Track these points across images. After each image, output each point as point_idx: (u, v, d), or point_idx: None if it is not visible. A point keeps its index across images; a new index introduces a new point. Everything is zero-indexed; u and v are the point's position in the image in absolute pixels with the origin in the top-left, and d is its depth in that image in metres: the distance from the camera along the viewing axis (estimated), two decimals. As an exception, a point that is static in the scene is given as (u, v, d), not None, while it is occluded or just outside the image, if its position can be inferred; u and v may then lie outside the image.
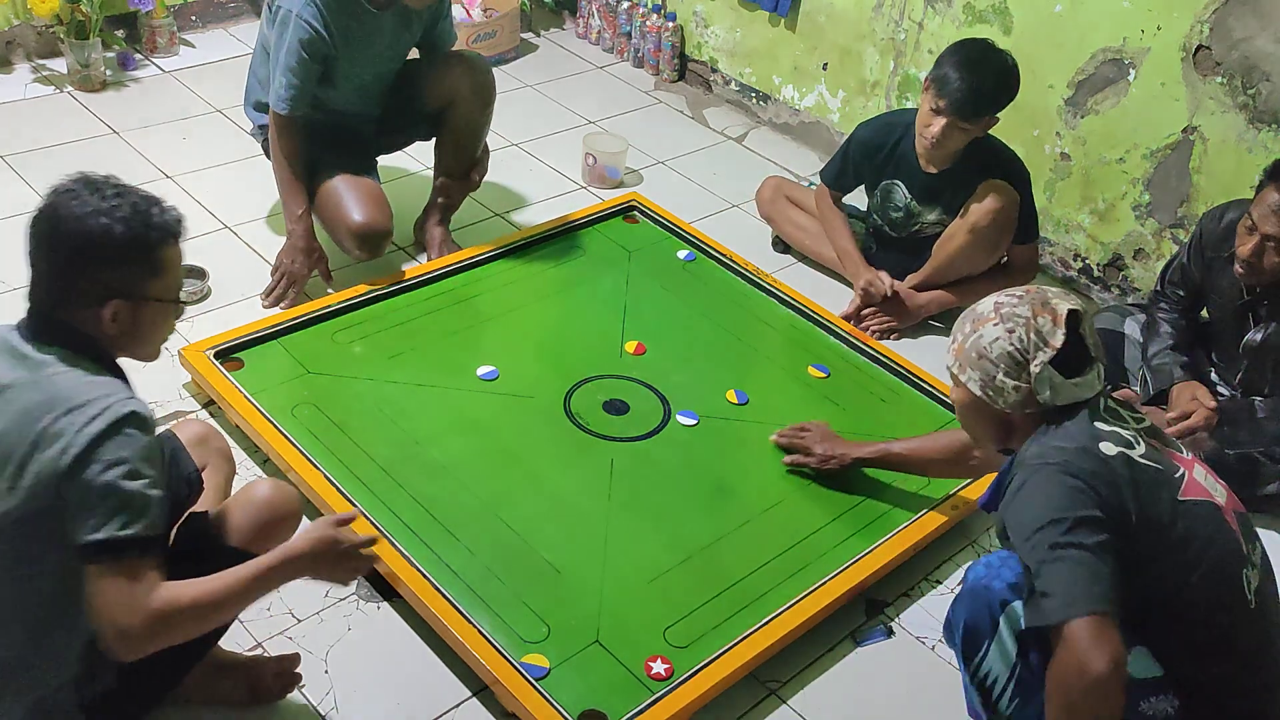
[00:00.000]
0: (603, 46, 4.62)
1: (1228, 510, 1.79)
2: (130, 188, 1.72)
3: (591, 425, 2.68)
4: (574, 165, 3.79)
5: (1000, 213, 3.00)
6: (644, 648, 2.16)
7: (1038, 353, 1.76)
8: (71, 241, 1.65)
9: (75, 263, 1.66)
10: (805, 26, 3.99)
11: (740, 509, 2.52)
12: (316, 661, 2.12)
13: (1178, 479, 1.75)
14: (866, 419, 2.82)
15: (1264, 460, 2.65)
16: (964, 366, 1.83)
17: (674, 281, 3.23)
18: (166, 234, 1.71)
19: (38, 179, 3.37)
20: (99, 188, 1.69)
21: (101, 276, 1.67)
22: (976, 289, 3.18)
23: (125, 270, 1.68)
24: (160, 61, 4.05)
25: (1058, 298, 1.81)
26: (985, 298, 1.88)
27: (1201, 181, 3.18)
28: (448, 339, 2.90)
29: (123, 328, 1.69)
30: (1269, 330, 2.64)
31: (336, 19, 2.85)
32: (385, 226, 2.99)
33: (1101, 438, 1.73)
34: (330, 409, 2.60)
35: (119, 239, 1.66)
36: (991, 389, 1.79)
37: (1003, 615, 1.76)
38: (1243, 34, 3.00)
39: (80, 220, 1.65)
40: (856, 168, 3.25)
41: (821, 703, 2.20)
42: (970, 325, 1.84)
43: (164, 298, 1.74)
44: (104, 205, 1.66)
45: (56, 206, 1.68)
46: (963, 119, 2.91)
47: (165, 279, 1.73)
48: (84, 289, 1.67)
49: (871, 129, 3.23)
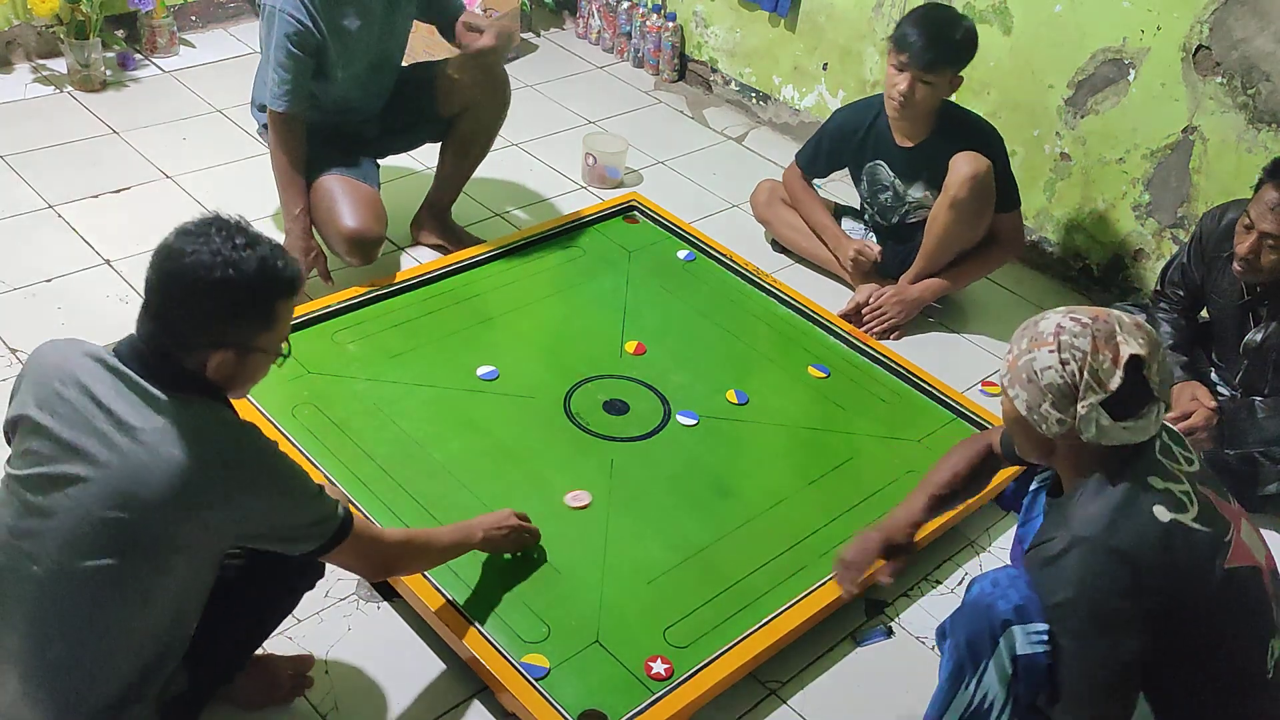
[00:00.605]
0: (603, 46, 4.62)
1: (1266, 573, 1.75)
2: (259, 237, 1.67)
3: (591, 425, 2.68)
4: (574, 165, 3.79)
5: (976, 180, 3.01)
6: (644, 648, 2.16)
7: (1088, 393, 1.65)
8: (192, 288, 1.61)
9: (191, 309, 1.63)
10: (805, 26, 3.99)
11: (740, 509, 2.52)
12: (317, 661, 2.12)
13: (1226, 543, 1.70)
14: (866, 419, 2.82)
15: (1264, 460, 2.65)
16: (1013, 383, 1.73)
17: (674, 281, 3.23)
18: (288, 290, 1.68)
19: (38, 179, 3.38)
20: (230, 234, 1.63)
21: (215, 327, 1.64)
22: (969, 271, 3.24)
23: (241, 323, 1.65)
24: (160, 61, 4.05)
25: (1127, 332, 1.68)
26: (1053, 312, 1.74)
27: (1201, 181, 3.18)
28: (448, 339, 2.90)
29: (224, 374, 1.67)
30: (1269, 330, 2.64)
31: (322, 8, 2.81)
32: (377, 233, 2.97)
33: (1155, 501, 1.66)
34: (330, 409, 2.60)
35: (242, 293, 1.62)
36: (1036, 414, 1.70)
37: (1003, 636, 1.72)
38: (1243, 34, 3.00)
39: (206, 269, 1.60)
40: (834, 151, 3.29)
41: (821, 703, 2.21)
42: (1027, 343, 1.72)
43: (269, 349, 1.71)
44: (232, 256, 1.61)
45: (183, 249, 1.62)
46: (925, 70, 2.94)
47: (276, 331, 1.70)
48: (196, 335, 1.64)
49: (847, 111, 3.30)
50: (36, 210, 3.26)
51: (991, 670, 1.74)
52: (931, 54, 2.92)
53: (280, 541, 1.75)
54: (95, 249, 3.13)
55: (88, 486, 1.59)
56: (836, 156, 3.30)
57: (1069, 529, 1.67)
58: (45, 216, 3.24)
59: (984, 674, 1.75)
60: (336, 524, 1.77)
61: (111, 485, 1.59)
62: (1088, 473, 1.73)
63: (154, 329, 1.64)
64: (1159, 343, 1.71)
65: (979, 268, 3.25)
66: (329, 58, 2.89)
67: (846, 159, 3.28)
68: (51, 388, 1.65)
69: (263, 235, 1.68)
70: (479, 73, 3.08)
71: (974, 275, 3.27)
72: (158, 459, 1.58)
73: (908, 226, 3.25)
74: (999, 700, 1.74)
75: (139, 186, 3.40)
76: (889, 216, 3.27)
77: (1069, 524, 1.68)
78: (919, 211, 3.21)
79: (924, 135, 3.11)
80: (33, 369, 1.71)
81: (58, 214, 3.25)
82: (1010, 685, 1.72)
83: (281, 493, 1.71)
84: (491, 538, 2.18)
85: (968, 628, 1.77)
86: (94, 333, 2.82)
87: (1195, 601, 1.66)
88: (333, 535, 1.77)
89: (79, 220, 3.23)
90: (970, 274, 3.25)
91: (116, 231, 3.19)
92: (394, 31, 3.03)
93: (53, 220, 3.23)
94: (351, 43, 2.92)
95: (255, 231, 1.67)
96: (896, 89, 2.99)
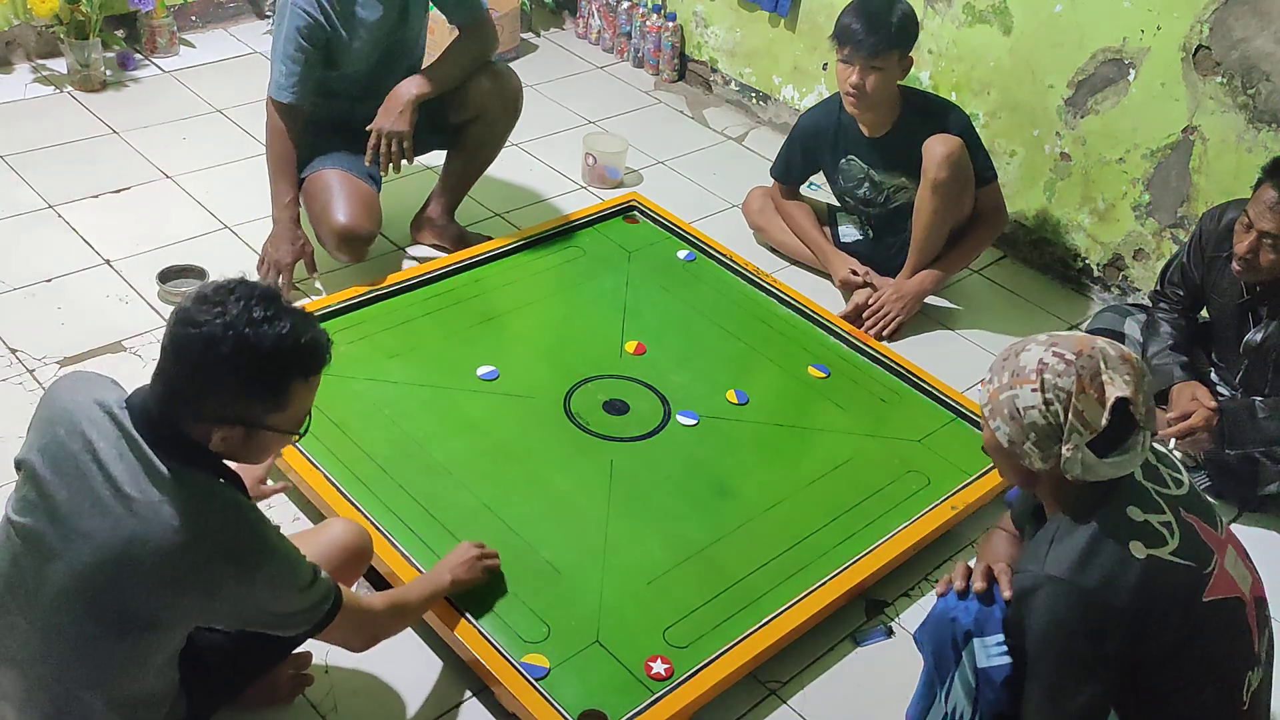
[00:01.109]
0: (603, 46, 4.62)
1: (1249, 603, 1.73)
2: (284, 309, 1.56)
3: (591, 425, 2.68)
4: (574, 165, 3.79)
5: (951, 157, 3.03)
6: (644, 648, 2.16)
7: (1073, 435, 1.62)
8: (200, 361, 1.52)
9: (199, 383, 1.54)
10: (805, 26, 3.99)
11: (740, 509, 2.52)
12: (317, 661, 2.12)
13: (1206, 575, 1.67)
14: (866, 419, 2.82)
15: (1264, 460, 2.65)
16: (994, 415, 1.70)
17: (674, 281, 3.23)
18: (306, 370, 1.59)
19: (38, 179, 3.38)
20: (249, 304, 1.53)
21: (222, 402, 1.55)
22: (962, 254, 3.25)
23: (251, 401, 1.57)
24: (160, 61, 4.05)
25: (1112, 369, 1.64)
26: (1034, 342, 1.69)
27: (1201, 181, 3.18)
28: (448, 339, 2.90)
29: (230, 449, 1.60)
30: (1269, 330, 2.64)
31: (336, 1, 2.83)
32: (368, 230, 2.96)
33: (1133, 534, 1.64)
34: (330, 409, 2.60)
35: (252, 371, 1.53)
36: (1019, 449, 1.68)
37: (965, 650, 1.71)
38: (1243, 34, 3.00)
39: (216, 342, 1.51)
40: (807, 155, 3.31)
41: (821, 703, 2.21)
42: (1009, 376, 1.68)
43: (283, 429, 1.62)
44: (245, 331, 1.51)
45: (196, 317, 1.53)
46: (872, 57, 2.96)
47: (290, 411, 1.60)
48: (202, 408, 1.56)
49: (812, 114, 3.32)
50: (36, 210, 3.26)
51: (957, 683, 1.73)
52: (874, 39, 2.95)
53: (270, 627, 1.69)
54: (95, 249, 3.13)
55: (78, 553, 1.55)
56: (810, 159, 3.32)
57: (1041, 565, 1.65)
58: (45, 216, 3.24)
59: (950, 687, 1.75)
60: (327, 608, 1.72)
61: (100, 556, 1.54)
62: (1067, 503, 1.71)
63: (163, 393, 1.58)
64: (1144, 372, 1.68)
65: (971, 249, 3.26)
66: (339, 47, 2.91)
67: (821, 159, 3.30)
68: (57, 435, 1.60)
69: (290, 307, 1.58)
70: (493, 80, 3.09)
71: (968, 258, 3.28)
72: (150, 535, 1.53)
73: (895, 213, 3.26)
74: (966, 714, 1.74)
75: (139, 186, 3.40)
76: (872, 207, 3.28)
77: (1042, 560, 1.66)
78: (900, 195, 3.22)
79: (889, 123, 3.13)
80: (46, 406, 1.66)
81: (58, 214, 3.25)
82: (974, 699, 1.72)
83: (274, 583, 1.63)
84: (460, 579, 2.12)
85: (933, 639, 1.77)
86: (94, 333, 2.86)
87: (1169, 637, 1.65)
88: (324, 617, 1.72)
89: (79, 220, 3.23)
90: (964, 258, 3.26)
91: (116, 231, 3.19)
92: (409, 20, 3.03)
93: (53, 220, 3.23)
94: (367, 32, 2.93)
95: (281, 302, 1.57)
96: (849, 82, 3.02)
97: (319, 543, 1.94)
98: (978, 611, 1.69)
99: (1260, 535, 2.70)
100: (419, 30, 3.10)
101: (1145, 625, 1.63)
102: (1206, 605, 1.67)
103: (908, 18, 3.01)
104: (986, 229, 3.25)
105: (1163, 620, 1.64)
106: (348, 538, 2.00)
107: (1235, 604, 1.71)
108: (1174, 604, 1.65)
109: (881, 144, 3.16)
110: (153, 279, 2.98)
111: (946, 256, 3.22)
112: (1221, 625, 1.69)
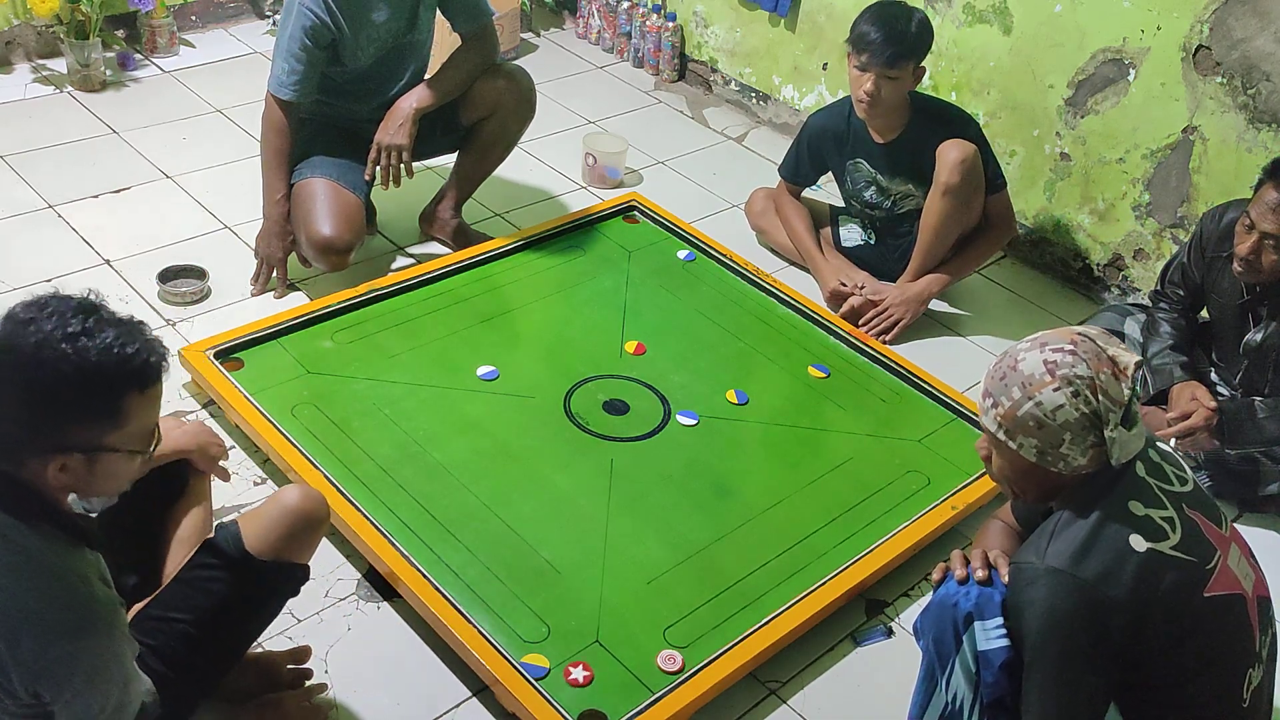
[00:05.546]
0: (603, 46, 4.62)
1: (1251, 601, 1.73)
2: (109, 319, 1.42)
3: (591, 425, 2.68)
4: (574, 165, 3.79)
5: (964, 163, 3.03)
6: (644, 648, 2.16)
7: (1109, 415, 1.63)
8: (18, 381, 1.36)
9: (15, 412, 1.38)
10: (805, 26, 3.99)
11: (740, 509, 2.52)
12: (317, 661, 2.12)
13: (1208, 571, 1.68)
14: (866, 419, 2.82)
15: (1264, 460, 2.65)
16: (1016, 433, 1.68)
17: (674, 281, 3.23)
18: (140, 382, 1.43)
19: (38, 179, 3.38)
20: (65, 317, 1.38)
21: (47, 429, 1.38)
22: (968, 260, 3.24)
23: (81, 423, 1.40)
24: (160, 61, 4.05)
25: (1110, 345, 1.68)
26: (1023, 351, 1.70)
27: (1201, 181, 3.18)
28: (448, 339, 2.90)
29: (72, 481, 1.42)
30: (1269, 330, 2.64)
31: (343, 2, 2.84)
32: (347, 242, 2.93)
33: (1134, 528, 1.65)
34: (330, 409, 2.60)
35: (75, 390, 1.37)
36: (1053, 455, 1.67)
37: (966, 634, 1.71)
38: (1243, 34, 3.00)
39: (30, 363, 1.35)
40: (815, 155, 3.30)
41: (821, 703, 2.20)
42: (1019, 390, 1.67)
43: (126, 447, 1.45)
44: (61, 346, 1.36)
45: (7, 338, 1.38)
46: (888, 67, 2.95)
47: (131, 428, 1.44)
48: (27, 441, 1.39)
49: (822, 115, 3.32)
50: (36, 210, 3.26)
51: (958, 669, 1.73)
52: (891, 50, 2.94)
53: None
54: (95, 249, 3.13)
55: None
56: (820, 160, 3.32)
57: (1042, 557, 1.66)
58: (45, 216, 3.24)
59: (951, 673, 1.75)
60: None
61: None
62: (1070, 497, 1.71)
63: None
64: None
65: (978, 255, 3.25)
66: (345, 48, 2.92)
67: (830, 161, 3.30)
68: None
69: (114, 316, 1.44)
70: (507, 80, 3.10)
71: (974, 264, 3.27)
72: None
73: (900, 218, 3.25)
74: (967, 700, 1.74)
75: (139, 186, 3.40)
76: (877, 211, 3.28)
77: (1042, 552, 1.66)
78: (906, 202, 3.21)
79: (900, 129, 3.13)
80: None
81: (58, 214, 3.25)
82: (975, 683, 1.72)
83: (83, 673, 1.42)
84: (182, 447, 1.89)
85: (934, 626, 1.77)
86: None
87: (1169, 631, 1.65)
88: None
89: (79, 220, 3.23)
90: (970, 264, 3.25)
91: (116, 231, 3.19)
92: (418, 25, 3.04)
93: (53, 220, 3.23)
94: (374, 34, 2.94)
95: (104, 312, 1.43)
96: (863, 89, 3.01)
97: (269, 515, 1.80)
98: (979, 595, 1.70)
99: (1261, 535, 2.70)
100: (427, 34, 3.10)
101: (1144, 618, 1.63)
102: (1207, 601, 1.67)
103: (925, 28, 3.00)
104: (994, 236, 3.24)
105: (1162, 614, 1.64)
106: (299, 502, 1.82)
107: (1237, 601, 1.71)
108: (1174, 599, 1.65)
109: (890, 149, 3.15)
110: (153, 279, 2.98)
111: (952, 262, 3.21)
112: (1222, 622, 1.69)
